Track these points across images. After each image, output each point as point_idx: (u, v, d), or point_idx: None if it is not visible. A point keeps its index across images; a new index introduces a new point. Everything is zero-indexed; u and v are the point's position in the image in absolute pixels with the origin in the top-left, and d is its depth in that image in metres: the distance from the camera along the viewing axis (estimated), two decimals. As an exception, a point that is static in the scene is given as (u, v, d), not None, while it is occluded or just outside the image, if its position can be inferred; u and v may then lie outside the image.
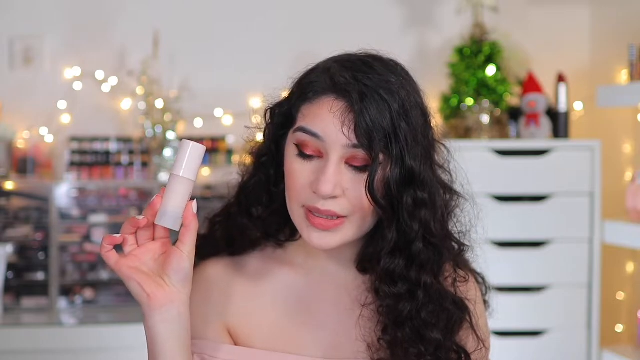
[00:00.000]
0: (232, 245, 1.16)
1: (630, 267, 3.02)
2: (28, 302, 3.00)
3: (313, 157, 1.01)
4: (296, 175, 1.02)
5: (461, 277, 1.09)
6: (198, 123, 3.24)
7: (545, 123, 2.94)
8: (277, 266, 1.14)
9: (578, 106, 3.19)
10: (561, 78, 3.00)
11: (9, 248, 2.98)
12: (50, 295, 3.01)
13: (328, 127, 0.99)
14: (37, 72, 3.22)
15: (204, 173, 3.24)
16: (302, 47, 3.19)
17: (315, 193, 1.00)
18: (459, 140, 2.88)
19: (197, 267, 1.17)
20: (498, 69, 3.04)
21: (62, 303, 3.02)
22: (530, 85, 2.99)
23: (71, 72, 3.21)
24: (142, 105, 3.16)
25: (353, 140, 0.98)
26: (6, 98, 3.19)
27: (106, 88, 3.23)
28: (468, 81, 3.02)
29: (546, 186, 2.83)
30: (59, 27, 3.23)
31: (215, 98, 3.24)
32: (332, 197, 1.00)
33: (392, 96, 0.99)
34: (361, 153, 0.99)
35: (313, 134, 1.00)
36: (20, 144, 3.18)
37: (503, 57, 3.09)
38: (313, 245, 1.03)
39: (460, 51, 3.07)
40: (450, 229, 1.09)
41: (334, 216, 1.01)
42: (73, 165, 3.16)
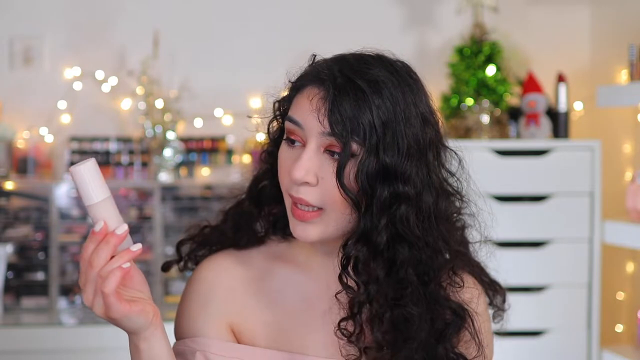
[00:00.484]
0: (240, 238, 1.17)
1: (630, 267, 3.02)
2: (28, 302, 3.00)
3: (297, 145, 1.03)
4: (281, 162, 1.05)
5: (455, 283, 1.07)
6: (198, 123, 3.24)
7: (545, 123, 2.94)
8: (281, 264, 1.15)
9: (578, 106, 3.19)
10: (561, 78, 3.00)
11: (9, 248, 2.98)
12: (50, 295, 3.01)
13: (306, 115, 1.01)
14: (37, 72, 3.22)
15: (204, 173, 3.24)
16: (302, 47, 3.17)
17: (290, 180, 1.02)
18: (459, 140, 2.88)
19: (201, 265, 1.17)
20: (498, 69, 3.04)
21: (62, 303, 3.02)
22: (530, 85, 2.99)
23: (71, 72, 3.21)
24: (142, 105, 3.16)
25: (327, 128, 0.99)
26: (6, 98, 3.19)
27: (106, 88, 3.23)
28: (468, 81, 3.02)
29: (546, 186, 2.83)
30: (59, 27, 3.23)
31: (215, 98, 3.24)
32: (306, 184, 1.01)
33: (376, 91, 1.00)
34: (336, 142, 1.00)
35: (295, 122, 1.03)
36: (20, 144, 3.18)
37: (503, 57, 3.09)
38: (296, 236, 1.05)
39: (460, 51, 3.07)
40: (443, 232, 1.05)
41: (308, 206, 1.02)
42: (73, 165, 3.15)
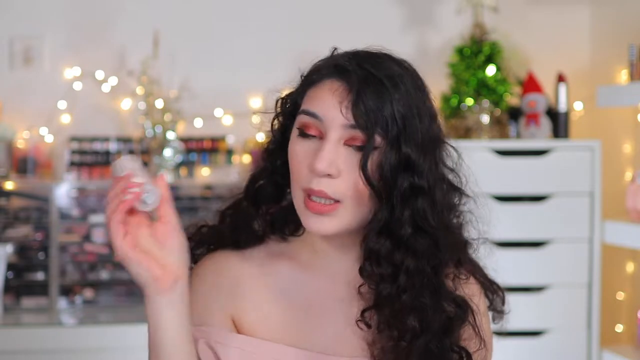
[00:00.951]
0: (238, 238, 1.17)
1: (630, 267, 3.02)
2: (28, 302, 3.00)
3: (313, 138, 1.03)
4: (297, 156, 1.04)
5: (462, 275, 1.10)
6: (198, 123, 3.24)
7: (545, 123, 2.94)
8: (282, 261, 1.15)
9: (578, 106, 3.19)
10: (561, 78, 3.00)
11: (9, 248, 2.98)
12: (50, 295, 3.01)
13: (327, 107, 1.01)
14: (37, 72, 3.22)
15: (204, 173, 3.24)
16: (302, 47, 3.18)
17: (312, 172, 1.01)
18: (459, 140, 2.88)
19: (202, 261, 1.17)
20: (498, 69, 3.04)
21: (62, 303, 3.02)
22: (530, 85, 2.99)
23: (71, 72, 3.21)
24: (142, 105, 3.16)
25: (350, 120, 1.00)
26: (6, 98, 3.19)
27: (106, 88, 3.23)
28: (468, 81, 3.02)
29: (546, 186, 2.83)
30: (59, 27, 3.23)
31: (215, 98, 3.24)
32: (327, 176, 1.01)
33: (395, 85, 1.01)
34: (359, 134, 1.01)
35: (313, 114, 1.02)
36: (20, 144, 3.18)
37: (503, 57, 3.09)
38: (311, 230, 1.04)
39: (460, 51, 3.07)
40: (452, 226, 1.09)
41: (328, 199, 1.02)
42: (73, 165, 3.16)
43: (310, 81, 1.06)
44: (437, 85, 3.11)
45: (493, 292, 1.19)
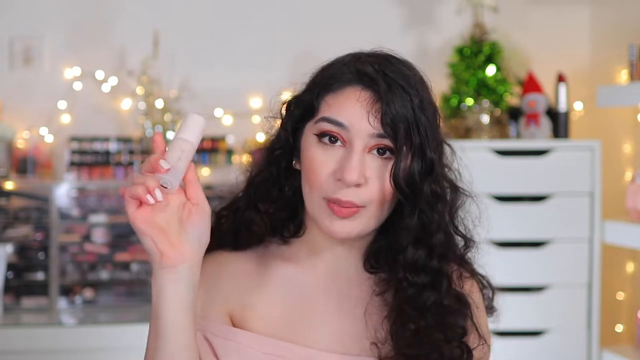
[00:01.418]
0: (238, 239, 1.16)
1: (630, 267, 3.02)
2: (28, 302, 3.00)
3: (336, 146, 1.03)
4: (318, 164, 1.04)
5: (466, 273, 1.12)
6: (198, 123, 3.24)
7: (545, 123, 2.94)
8: (281, 262, 1.15)
9: (578, 106, 3.19)
10: (561, 78, 3.00)
11: (9, 248, 2.98)
12: (50, 295, 3.01)
13: (354, 116, 1.02)
14: (37, 72, 3.22)
15: (204, 173, 3.24)
16: (302, 47, 3.19)
17: (339, 181, 1.02)
18: (459, 140, 2.88)
19: (205, 257, 1.17)
20: (498, 69, 3.04)
21: (62, 303, 3.02)
22: (530, 85, 2.99)
23: (71, 72, 3.21)
24: (142, 105, 3.16)
25: (379, 129, 1.01)
26: (6, 98, 3.19)
27: (106, 88, 3.23)
28: (468, 81, 3.02)
29: (546, 186, 2.83)
30: (59, 27, 3.23)
31: (215, 98, 3.24)
32: (356, 186, 1.02)
33: (413, 89, 1.02)
34: (385, 142, 1.02)
35: (338, 124, 1.02)
36: (20, 144, 3.18)
37: (503, 57, 3.09)
38: (335, 233, 1.04)
39: (460, 51, 3.07)
40: (457, 225, 1.12)
41: (353, 207, 1.03)
42: (73, 165, 3.16)
43: (328, 86, 1.05)
44: (437, 85, 3.09)
45: (484, 287, 1.20)
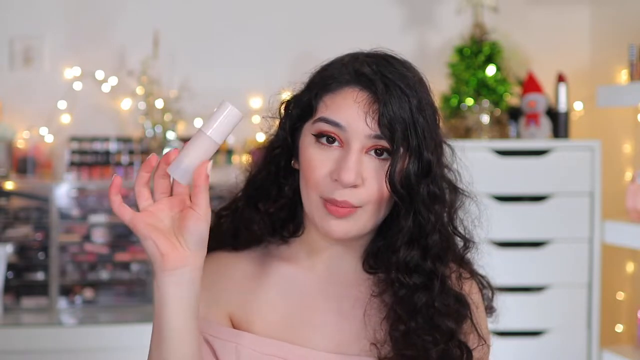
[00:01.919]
0: (237, 239, 1.16)
1: (630, 267, 3.02)
2: (28, 302, 3.00)
3: (333, 147, 1.03)
4: (316, 164, 1.04)
5: (466, 273, 1.12)
6: (198, 123, 3.24)
7: (545, 123, 2.94)
8: (281, 263, 1.15)
9: (578, 106, 3.19)
10: (561, 78, 3.00)
11: (9, 248, 2.98)
12: (50, 295, 3.01)
13: (351, 117, 1.01)
14: (37, 72, 3.22)
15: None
16: (302, 47, 3.19)
17: (336, 181, 1.02)
18: (459, 140, 2.88)
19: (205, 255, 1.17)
20: (498, 69, 3.04)
21: (62, 303, 3.02)
22: (530, 85, 2.99)
23: (71, 72, 3.21)
24: (142, 105, 3.16)
25: (376, 130, 1.01)
26: (6, 98, 3.19)
27: (106, 88, 3.23)
28: (468, 81, 3.02)
29: (546, 186, 2.83)
30: (59, 27, 3.23)
31: (215, 98, 3.20)
32: (353, 187, 1.02)
33: (411, 90, 1.02)
34: (382, 143, 1.02)
35: (335, 124, 1.02)
36: (20, 144, 3.18)
37: (503, 57, 3.09)
38: (332, 233, 1.04)
39: (460, 51, 3.07)
40: (456, 225, 1.12)
41: (349, 207, 1.03)
42: (73, 165, 3.16)
43: (326, 87, 1.05)
44: (437, 85, 3.09)
45: (483, 288, 1.20)
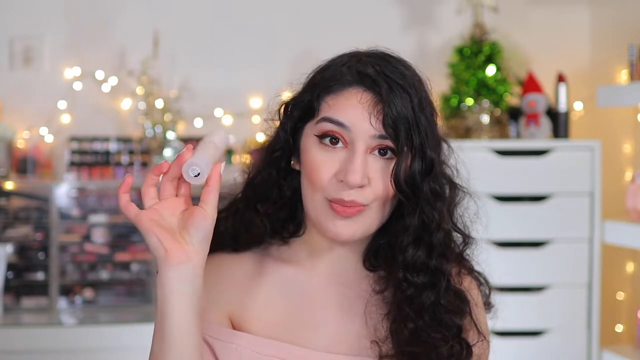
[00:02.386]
0: (237, 241, 1.17)
1: (630, 267, 3.02)
2: (28, 302, 3.00)
3: (337, 148, 1.03)
4: (320, 165, 1.04)
5: (465, 270, 1.13)
6: (198, 123, 3.24)
7: (545, 123, 2.94)
8: (281, 263, 1.15)
9: (578, 106, 3.19)
10: (561, 78, 3.00)
11: (9, 248, 2.98)
12: (50, 295, 3.01)
13: (356, 118, 1.02)
14: (37, 72, 3.22)
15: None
16: (302, 47, 3.19)
17: (342, 182, 1.02)
18: (459, 140, 2.88)
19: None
20: (498, 69, 3.04)
21: (62, 303, 3.02)
22: (530, 85, 2.99)
23: (71, 72, 3.21)
24: (142, 105, 3.16)
25: (380, 130, 1.01)
26: (6, 98, 3.19)
27: (106, 88, 3.23)
28: (468, 81, 3.02)
29: (546, 186, 2.83)
30: (59, 27, 3.23)
31: (215, 98, 3.24)
32: (359, 187, 1.02)
33: (412, 89, 1.03)
34: (386, 143, 1.02)
35: (340, 124, 1.02)
36: (20, 144, 3.18)
37: (503, 57, 3.09)
38: (338, 236, 1.05)
39: (460, 51, 3.07)
40: (455, 222, 1.13)
41: (357, 205, 1.03)
42: (73, 165, 3.16)
43: (329, 88, 1.05)
44: (437, 85, 3.10)
45: (481, 284, 1.21)
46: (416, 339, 1.05)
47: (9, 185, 3.07)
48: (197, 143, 1.02)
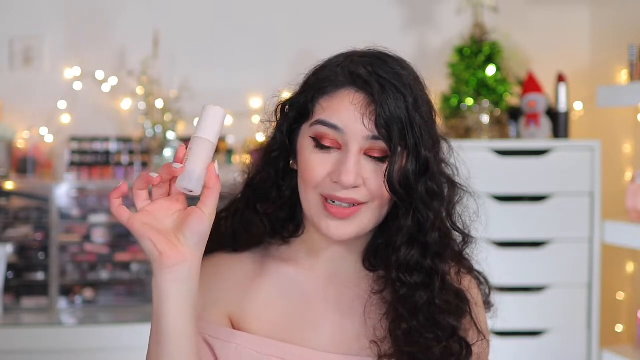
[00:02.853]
0: (237, 241, 1.17)
1: (630, 267, 3.02)
2: (28, 302, 3.00)
3: (332, 149, 1.04)
4: (314, 166, 1.04)
5: (464, 269, 1.13)
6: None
7: (545, 123, 2.94)
8: (281, 263, 1.15)
9: (578, 106, 3.19)
10: (561, 78, 3.00)
11: (9, 248, 2.98)
12: (50, 295, 3.01)
13: (349, 119, 1.02)
14: (37, 72, 3.22)
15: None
16: (302, 47, 3.19)
17: (336, 183, 1.02)
18: (459, 140, 2.88)
19: (204, 260, 1.17)
20: (498, 69, 3.04)
21: (62, 303, 3.02)
22: (530, 85, 2.99)
23: (71, 72, 3.21)
24: (142, 105, 3.16)
25: (373, 131, 1.01)
26: (6, 98, 3.19)
27: (106, 88, 3.23)
28: (468, 81, 3.02)
29: (546, 186, 2.83)
30: (59, 27, 3.23)
31: (215, 98, 3.23)
32: (354, 187, 1.02)
33: (407, 89, 1.02)
34: (380, 144, 1.02)
35: (333, 126, 1.03)
36: (20, 144, 3.18)
37: (503, 57, 3.09)
38: (331, 235, 1.05)
39: (460, 51, 3.07)
40: (455, 221, 1.12)
41: (354, 203, 1.03)
42: (73, 165, 3.16)
43: (322, 89, 1.05)
44: (437, 85, 3.11)
45: (480, 283, 1.21)
46: (410, 340, 1.05)
47: (9, 185, 3.07)
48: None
